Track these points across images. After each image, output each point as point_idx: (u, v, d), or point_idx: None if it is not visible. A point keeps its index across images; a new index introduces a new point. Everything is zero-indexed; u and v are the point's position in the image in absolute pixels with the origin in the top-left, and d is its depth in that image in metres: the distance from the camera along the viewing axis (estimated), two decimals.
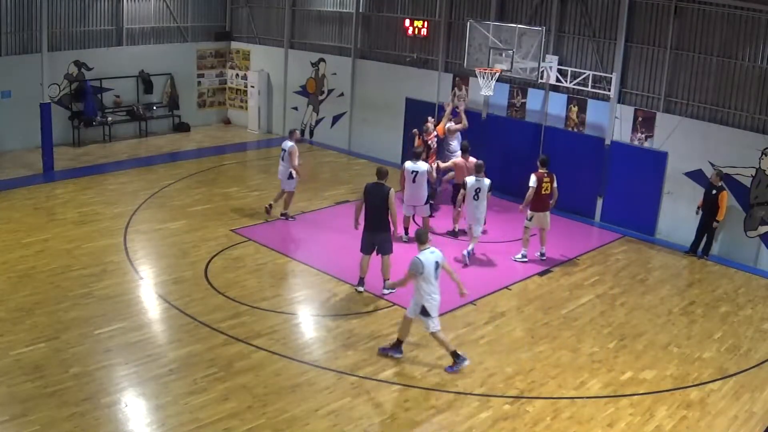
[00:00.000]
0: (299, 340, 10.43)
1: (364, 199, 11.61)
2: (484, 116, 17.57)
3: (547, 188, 13.13)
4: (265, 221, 14.86)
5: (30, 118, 17.93)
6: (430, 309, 9.26)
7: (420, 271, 9.09)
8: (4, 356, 9.21)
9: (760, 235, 13.87)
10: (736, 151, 13.87)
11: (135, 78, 21.41)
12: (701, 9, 14.17)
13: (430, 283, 9.18)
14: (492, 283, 12.49)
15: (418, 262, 9.09)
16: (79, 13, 20.12)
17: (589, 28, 15.82)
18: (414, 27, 18.78)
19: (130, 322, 10.34)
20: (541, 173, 13.08)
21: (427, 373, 9.50)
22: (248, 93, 23.17)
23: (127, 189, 16.57)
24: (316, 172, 19.04)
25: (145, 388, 8.80)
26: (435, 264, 9.18)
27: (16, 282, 11.43)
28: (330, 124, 21.59)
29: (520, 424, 8.53)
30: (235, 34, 23.74)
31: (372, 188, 11.58)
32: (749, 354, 10.52)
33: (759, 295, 12.67)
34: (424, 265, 9.09)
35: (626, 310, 11.75)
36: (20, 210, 14.81)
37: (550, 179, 13.14)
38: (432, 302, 9.26)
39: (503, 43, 15.29)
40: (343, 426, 8.29)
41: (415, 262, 9.11)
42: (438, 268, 9.24)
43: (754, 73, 13.67)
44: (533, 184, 13.02)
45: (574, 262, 13.65)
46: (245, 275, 12.23)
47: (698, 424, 8.69)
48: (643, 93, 15.25)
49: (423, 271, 9.08)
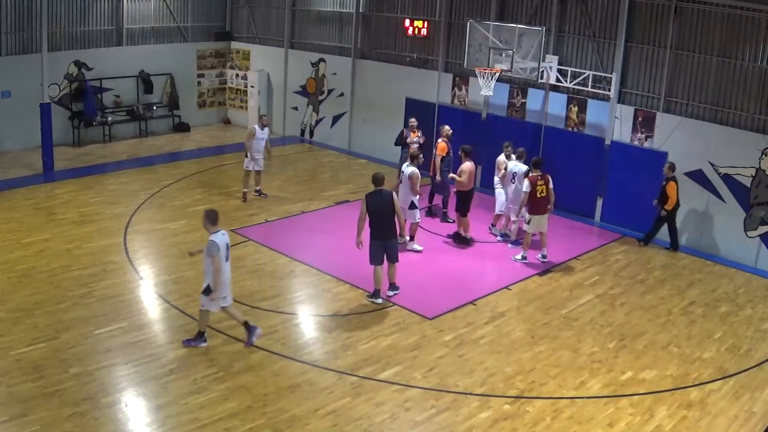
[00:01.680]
0: (299, 340, 10.43)
1: (366, 211, 11.21)
2: (484, 116, 17.58)
3: (542, 191, 12.97)
4: (266, 221, 14.86)
5: (30, 118, 17.94)
6: (216, 290, 9.49)
7: (215, 253, 9.34)
8: (4, 356, 9.21)
9: (760, 235, 13.88)
10: (736, 151, 13.88)
11: (135, 78, 21.42)
12: (701, 9, 14.17)
13: (221, 265, 9.45)
14: (492, 283, 12.50)
15: (215, 245, 9.35)
16: (79, 13, 20.13)
17: (589, 28, 15.82)
18: (414, 27, 18.79)
19: (130, 322, 10.34)
20: (535, 176, 12.95)
21: (427, 373, 9.50)
22: (248, 93, 23.18)
23: (127, 189, 16.57)
24: (315, 172, 19.06)
25: (145, 388, 8.80)
26: (226, 246, 9.51)
27: (16, 282, 11.43)
28: (330, 124, 21.60)
29: (520, 424, 8.53)
30: (235, 34, 23.75)
31: (372, 197, 11.25)
32: (749, 354, 10.52)
33: (759, 295, 12.67)
34: (219, 247, 9.38)
35: (626, 310, 11.75)
36: (20, 210, 14.81)
37: (544, 181, 13.01)
38: (219, 283, 9.50)
39: (503, 43, 15.30)
40: (343, 426, 8.29)
41: (213, 245, 9.36)
42: (228, 249, 9.59)
43: (754, 73, 13.67)
44: (526, 189, 12.90)
45: (574, 262, 13.65)
46: (245, 275, 12.23)
47: (698, 424, 8.69)
48: (643, 93, 15.25)
49: (218, 252, 9.36)
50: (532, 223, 13.19)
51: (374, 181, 11.41)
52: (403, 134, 15.89)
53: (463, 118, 17.62)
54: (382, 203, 11.18)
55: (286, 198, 16.47)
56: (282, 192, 16.94)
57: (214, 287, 9.46)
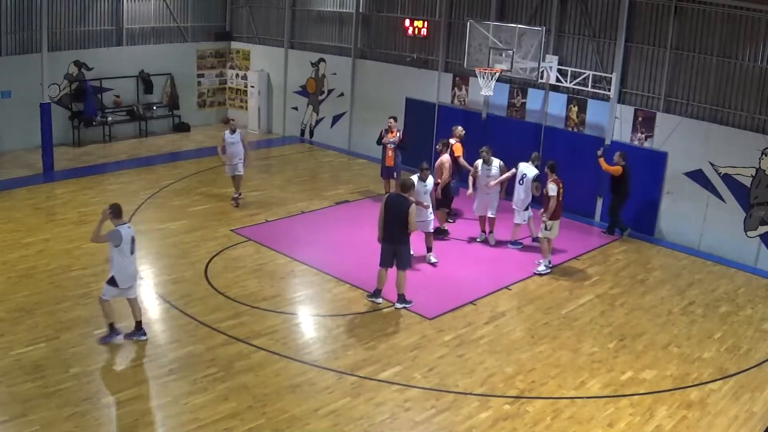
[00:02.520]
0: (299, 340, 10.43)
1: (384, 210, 11.04)
2: (484, 116, 17.58)
3: (561, 194, 12.76)
4: (266, 221, 14.86)
5: (30, 118, 17.94)
6: (118, 281, 9.52)
7: (117, 243, 9.38)
8: (4, 356, 9.21)
9: (760, 235, 13.88)
10: (736, 151, 13.87)
11: (135, 78, 21.42)
12: (701, 9, 14.17)
13: (125, 257, 9.47)
14: (492, 283, 12.49)
15: (119, 234, 9.41)
16: (79, 13, 20.13)
17: (589, 28, 15.82)
18: (414, 27, 18.78)
19: (131, 322, 10.31)
20: (556, 179, 12.72)
21: (428, 373, 9.50)
22: (248, 93, 23.18)
23: (127, 189, 16.56)
24: (315, 172, 19.06)
25: (145, 388, 8.80)
26: (131, 239, 9.57)
27: (16, 282, 11.43)
28: (330, 124, 21.60)
29: (520, 424, 8.53)
30: (235, 34, 23.75)
31: (394, 200, 11.08)
32: (749, 354, 10.52)
33: (759, 295, 12.67)
34: (123, 238, 9.41)
35: (626, 310, 11.75)
36: (20, 210, 14.81)
37: (562, 184, 12.82)
38: (122, 275, 9.53)
39: (503, 43, 15.30)
40: (343, 426, 8.30)
41: (115, 234, 9.41)
42: (134, 242, 9.62)
43: (754, 73, 13.67)
44: (554, 193, 12.53)
45: (574, 262, 13.65)
46: (245, 275, 12.23)
47: (698, 424, 8.69)
48: (643, 93, 15.25)
49: (121, 243, 9.39)
50: (554, 228, 12.88)
51: (402, 186, 11.28)
52: (381, 134, 15.90)
53: (463, 118, 17.59)
54: (398, 207, 10.95)
55: (286, 198, 16.47)
56: (282, 192, 16.95)
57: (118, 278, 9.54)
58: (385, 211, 11.03)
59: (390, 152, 15.54)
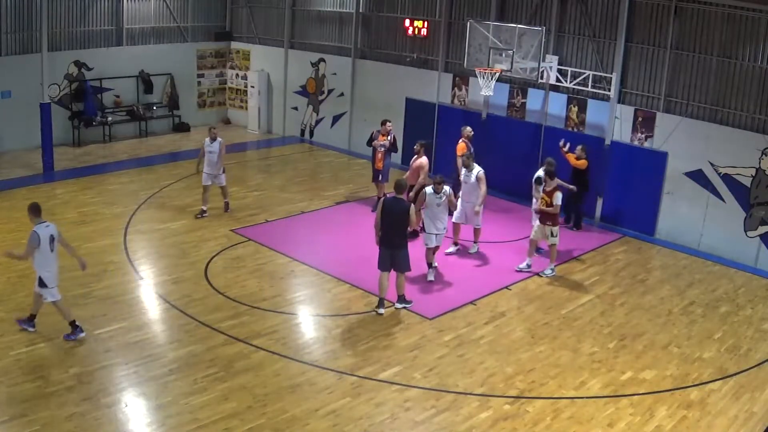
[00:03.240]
0: (299, 340, 10.43)
1: (382, 215, 10.87)
2: (484, 116, 17.58)
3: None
4: (266, 221, 14.86)
5: (30, 118, 17.95)
6: (46, 280, 9.53)
7: (36, 245, 9.37)
8: (4, 356, 9.22)
9: (760, 235, 13.88)
10: (736, 151, 13.87)
11: (135, 78, 21.42)
12: (701, 9, 14.17)
13: (46, 256, 9.46)
14: (492, 283, 12.49)
15: (36, 236, 9.39)
16: (79, 13, 20.12)
17: (589, 28, 15.82)
18: (414, 27, 18.78)
19: (130, 322, 10.34)
20: (557, 186, 12.62)
21: (428, 373, 9.50)
22: (248, 93, 23.17)
23: (127, 189, 16.57)
24: (315, 172, 19.06)
25: (145, 388, 8.80)
26: (50, 237, 9.53)
27: (16, 282, 11.43)
28: (330, 124, 21.60)
29: (520, 424, 8.53)
30: (235, 34, 23.75)
31: (390, 203, 10.91)
32: (749, 354, 10.52)
33: (759, 295, 12.67)
34: (41, 239, 9.40)
35: (626, 310, 11.75)
36: (20, 210, 14.62)
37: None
38: (48, 273, 9.54)
39: (503, 43, 15.29)
40: (343, 426, 8.30)
41: (33, 236, 9.39)
42: (54, 241, 9.60)
43: (754, 73, 13.67)
44: (559, 202, 12.50)
45: (574, 262, 13.65)
46: (245, 275, 12.23)
47: (698, 424, 8.70)
48: (643, 93, 15.25)
49: (39, 244, 9.38)
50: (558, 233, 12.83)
51: (396, 187, 11.08)
52: (372, 135, 15.78)
53: (463, 119, 17.58)
54: (397, 210, 10.86)
55: (286, 198, 16.47)
56: (282, 192, 16.94)
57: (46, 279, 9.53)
58: (384, 216, 10.90)
59: (380, 155, 15.32)
